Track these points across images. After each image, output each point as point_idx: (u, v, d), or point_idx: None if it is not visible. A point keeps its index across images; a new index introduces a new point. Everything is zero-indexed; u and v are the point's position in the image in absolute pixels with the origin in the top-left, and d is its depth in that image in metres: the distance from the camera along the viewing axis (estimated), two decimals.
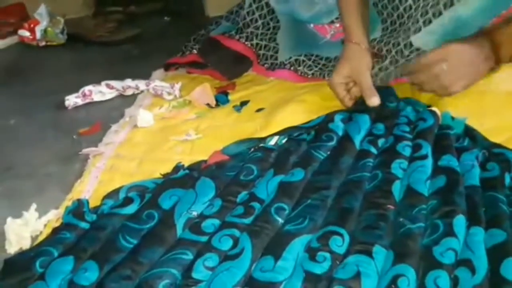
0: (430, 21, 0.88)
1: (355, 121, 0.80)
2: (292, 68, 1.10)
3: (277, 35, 1.11)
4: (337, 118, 0.81)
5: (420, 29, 0.89)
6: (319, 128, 0.81)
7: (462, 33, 0.84)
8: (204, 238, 0.60)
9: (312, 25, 1.08)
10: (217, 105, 1.02)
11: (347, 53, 0.91)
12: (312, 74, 1.08)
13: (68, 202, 0.73)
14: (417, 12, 0.91)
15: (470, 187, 0.63)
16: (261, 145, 0.79)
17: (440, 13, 0.86)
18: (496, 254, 0.53)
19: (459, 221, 0.56)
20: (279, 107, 0.95)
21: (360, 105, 0.86)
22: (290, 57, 1.10)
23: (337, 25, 1.06)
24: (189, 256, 0.57)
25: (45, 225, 0.70)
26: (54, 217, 0.72)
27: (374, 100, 0.85)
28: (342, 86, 0.91)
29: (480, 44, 0.80)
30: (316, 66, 1.08)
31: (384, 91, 0.87)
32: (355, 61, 0.90)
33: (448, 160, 0.67)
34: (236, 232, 0.60)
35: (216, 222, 0.63)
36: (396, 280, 0.50)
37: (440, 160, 0.68)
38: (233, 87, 1.10)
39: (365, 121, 0.80)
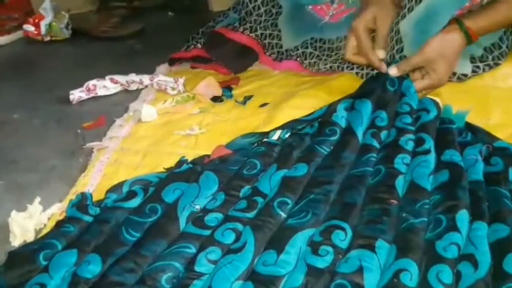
0: (413, 8, 0.89)
1: (357, 110, 0.79)
2: (298, 59, 1.10)
3: (279, 20, 1.10)
4: (340, 107, 0.80)
5: (405, 15, 0.91)
6: (322, 121, 0.80)
7: (432, 20, 0.86)
8: (207, 232, 0.60)
9: (310, 7, 1.07)
10: (221, 100, 1.02)
11: None
12: (324, 66, 1.07)
13: (72, 196, 0.74)
14: None
15: (474, 182, 0.63)
16: (265, 140, 0.79)
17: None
18: (499, 249, 0.53)
19: (462, 216, 0.56)
20: (283, 102, 0.95)
21: (361, 89, 0.85)
22: (298, 49, 1.10)
23: (335, 5, 1.06)
24: (192, 249, 0.58)
25: (49, 218, 0.71)
26: (58, 210, 0.72)
27: (380, 53, 0.87)
28: (366, 32, 0.89)
29: (451, 33, 0.82)
30: (322, 57, 1.07)
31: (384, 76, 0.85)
32: (381, 6, 0.90)
33: (451, 155, 0.67)
34: (239, 226, 0.60)
35: (219, 216, 0.63)
36: (399, 275, 0.50)
37: (443, 155, 0.68)
38: (237, 82, 1.10)
39: (367, 108, 0.79)
